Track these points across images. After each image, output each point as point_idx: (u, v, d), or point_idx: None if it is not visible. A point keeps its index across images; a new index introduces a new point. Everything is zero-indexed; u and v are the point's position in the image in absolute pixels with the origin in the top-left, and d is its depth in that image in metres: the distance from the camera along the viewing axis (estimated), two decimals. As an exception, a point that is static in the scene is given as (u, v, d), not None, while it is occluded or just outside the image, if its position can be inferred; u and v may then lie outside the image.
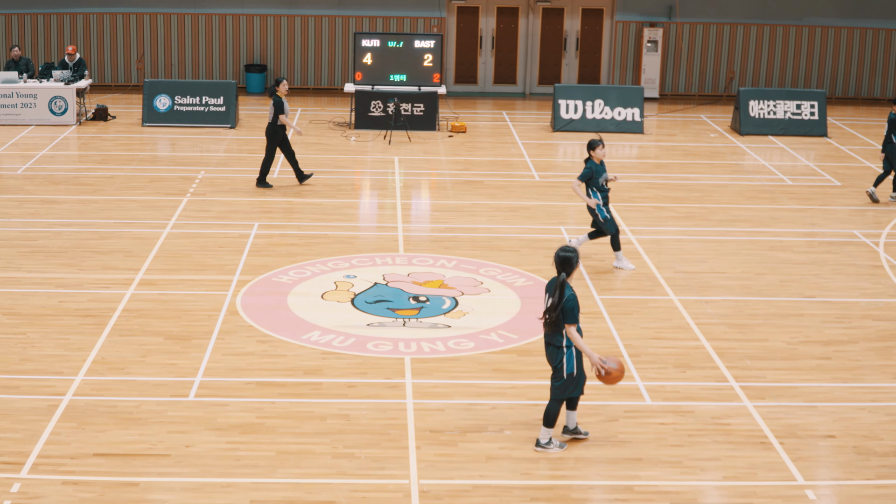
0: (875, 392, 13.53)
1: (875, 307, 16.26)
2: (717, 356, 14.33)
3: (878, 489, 11.32)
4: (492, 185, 22.35)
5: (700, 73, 32.44)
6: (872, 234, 19.82)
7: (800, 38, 32.34)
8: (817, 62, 32.56)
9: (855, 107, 32.06)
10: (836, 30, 32.32)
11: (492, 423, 12.35)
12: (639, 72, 31.86)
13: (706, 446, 12.00)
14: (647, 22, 31.81)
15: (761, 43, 32.25)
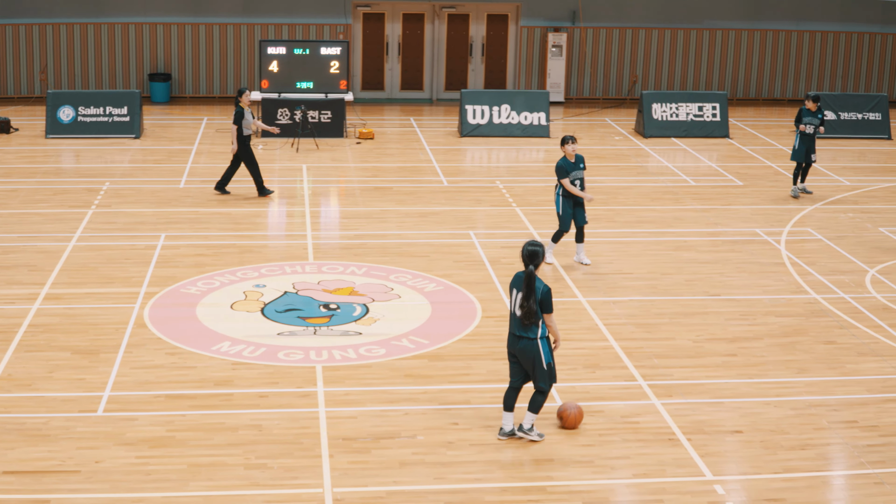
0: (780, 387, 13.80)
1: (778, 304, 16.58)
2: (626, 356, 14.52)
3: (786, 482, 11.55)
4: (400, 192, 22.41)
5: (604, 76, 32.78)
6: (774, 232, 20.20)
7: (700, 41, 32.83)
8: (718, 64, 33.07)
9: (756, 108, 32.61)
10: (737, 32, 32.85)
11: (405, 428, 12.40)
12: (544, 76, 32.11)
13: (616, 445, 12.16)
14: (552, 27, 32.08)
15: (663, 46, 32.69)
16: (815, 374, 14.23)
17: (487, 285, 17.01)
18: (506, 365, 14.10)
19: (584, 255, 18.20)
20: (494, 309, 16.06)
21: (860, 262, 18.70)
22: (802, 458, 12.05)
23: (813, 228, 20.50)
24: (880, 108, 29.17)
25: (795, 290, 17.25)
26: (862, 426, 12.85)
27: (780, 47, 33.16)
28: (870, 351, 15.02)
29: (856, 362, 14.65)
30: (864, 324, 15.97)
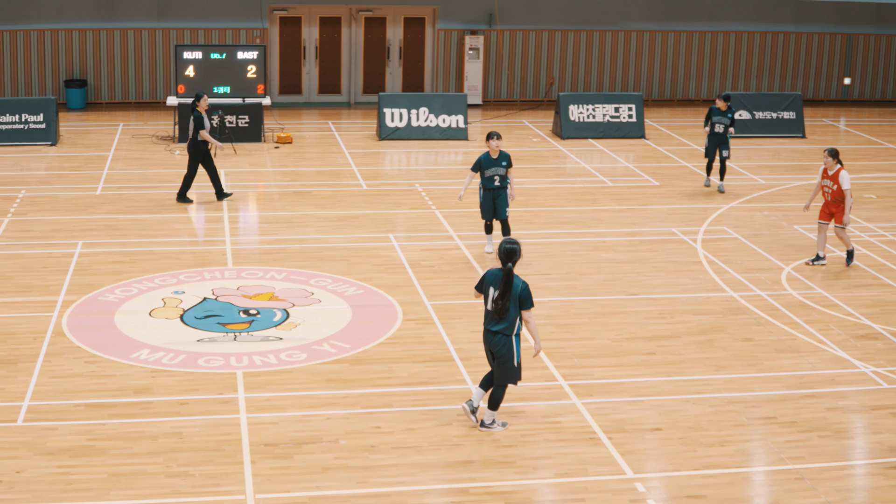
0: (698, 384, 13.97)
1: (695, 302, 16.78)
2: (546, 356, 14.61)
3: (705, 479, 11.69)
4: (320, 196, 22.36)
5: (521, 78, 32.94)
6: (690, 231, 20.42)
7: (616, 43, 33.11)
8: (633, 66, 33.36)
9: (671, 108, 32.95)
10: (651, 33, 33.17)
11: (327, 433, 12.38)
12: (462, 79, 32.20)
13: (538, 445, 12.23)
14: (469, 30, 32.18)
15: (579, 48, 32.92)
16: (733, 371, 14.41)
17: (408, 288, 17.03)
18: (427, 367, 14.19)
19: (492, 246, 18.60)
20: (415, 312, 16.09)
21: (776, 259, 18.97)
22: (722, 455, 12.21)
23: (729, 227, 20.77)
24: (794, 106, 29.61)
25: (712, 289, 17.46)
26: (781, 422, 13.05)
27: (695, 48, 33.55)
28: (787, 347, 15.25)
29: (773, 359, 14.87)
30: (780, 321, 16.20)
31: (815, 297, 17.24)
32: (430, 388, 13.61)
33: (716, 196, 22.94)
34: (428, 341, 15.03)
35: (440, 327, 15.54)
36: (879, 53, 34.71)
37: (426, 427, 12.55)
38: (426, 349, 14.76)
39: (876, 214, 21.82)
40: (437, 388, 13.62)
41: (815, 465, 12.08)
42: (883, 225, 21.14)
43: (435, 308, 16.25)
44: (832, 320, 16.29)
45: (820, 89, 34.63)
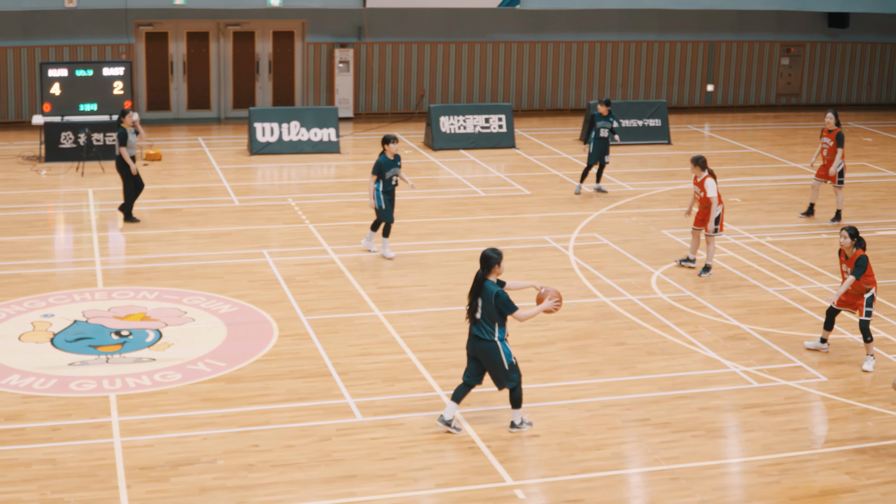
0: (574, 389, 14.14)
1: (568, 308, 16.96)
2: (424, 367, 14.66)
3: (584, 482, 11.85)
4: (191, 213, 22.13)
5: (392, 91, 33.01)
6: (562, 238, 20.66)
7: (485, 54, 33.36)
8: (503, 76, 33.65)
9: (540, 118, 33.29)
10: (519, 44, 33.49)
11: (204, 454, 12.26)
12: (332, 92, 32.16)
13: (418, 456, 12.27)
14: (338, 43, 32.14)
15: (448, 60, 33.10)
16: (607, 376, 14.62)
17: (283, 304, 16.95)
18: (305, 383, 14.14)
19: (388, 249, 19.16)
20: (291, 328, 16.02)
21: (645, 264, 19.28)
22: (599, 458, 12.37)
23: (599, 233, 21.05)
24: (660, 114, 30.14)
25: (585, 295, 17.69)
26: (655, 423, 13.27)
27: (561, 58, 33.96)
28: (659, 350, 15.51)
29: (646, 361, 15.11)
30: (651, 324, 16.48)
31: (684, 299, 17.57)
32: (308, 403, 13.57)
33: (586, 203, 23.24)
34: (304, 357, 14.98)
35: (317, 342, 15.49)
36: (741, 60, 35.51)
37: (305, 443, 12.51)
38: (303, 365, 14.71)
39: (741, 217, 22.31)
40: (316, 403, 13.58)
41: (690, 464, 12.31)
42: (748, 227, 21.62)
43: (311, 323, 16.20)
44: (702, 322, 16.62)
45: (684, 96, 35.31)
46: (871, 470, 12.30)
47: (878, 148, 30.24)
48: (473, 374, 12.74)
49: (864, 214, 23.00)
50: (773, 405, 13.89)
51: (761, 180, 25.75)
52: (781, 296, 17.84)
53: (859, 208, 23.53)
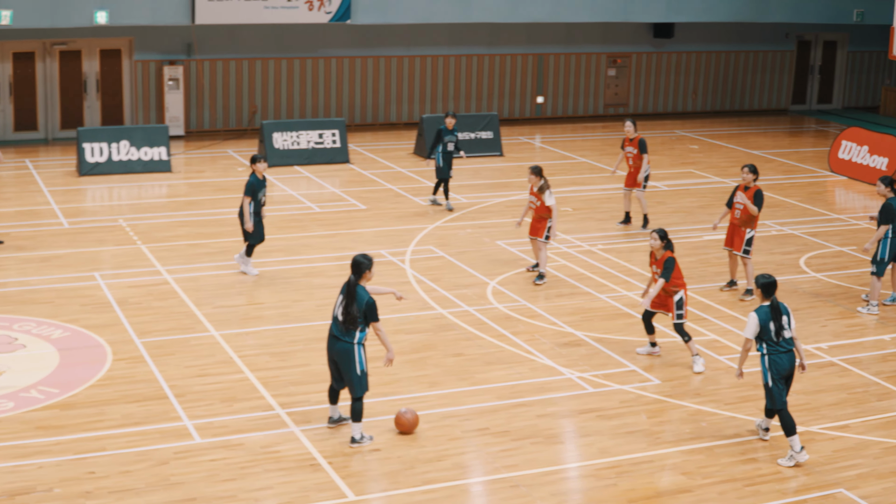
0: (413, 402, 14.22)
1: (406, 321, 17.07)
2: (262, 386, 14.59)
3: (425, 494, 11.94)
4: (18, 237, 21.59)
5: (223, 108, 32.74)
6: (398, 252, 20.76)
7: (317, 70, 33.33)
8: (335, 91, 33.66)
9: (373, 132, 33.37)
10: (351, 59, 33.53)
11: (40, 482, 12.00)
12: (162, 110, 31.74)
13: (258, 476, 12.20)
14: (167, 60, 31.76)
15: (280, 75, 32.98)
16: (446, 387, 14.75)
17: (117, 327, 16.68)
18: (141, 406, 13.95)
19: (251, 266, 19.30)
20: (125, 351, 15.77)
21: (481, 275, 19.50)
22: (440, 470, 12.48)
23: (435, 246, 21.22)
24: (491, 126, 30.50)
25: (422, 307, 17.81)
26: (494, 432, 13.43)
27: (393, 72, 34.12)
28: (496, 360, 15.70)
29: (484, 371, 15.29)
30: (488, 334, 16.67)
31: (520, 308, 17.82)
32: (144, 427, 13.38)
33: (421, 217, 23.38)
34: (140, 380, 14.76)
35: (152, 365, 15.28)
36: (569, 72, 36.16)
37: (143, 468, 12.34)
38: (138, 388, 14.50)
39: (573, 226, 22.72)
40: (152, 427, 13.41)
41: (530, 471, 12.50)
42: (579, 236, 22.03)
43: (146, 346, 15.97)
44: (537, 330, 16.88)
45: (515, 108, 35.80)
46: (706, 469, 12.66)
47: (704, 155, 31.09)
48: (337, 376, 13.09)
49: (692, 220, 23.63)
50: (609, 409, 14.18)
51: (592, 189, 26.25)
52: (614, 302, 18.21)
53: (687, 214, 24.17)
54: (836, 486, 12.36)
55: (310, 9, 31.03)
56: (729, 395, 14.52)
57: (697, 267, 20.16)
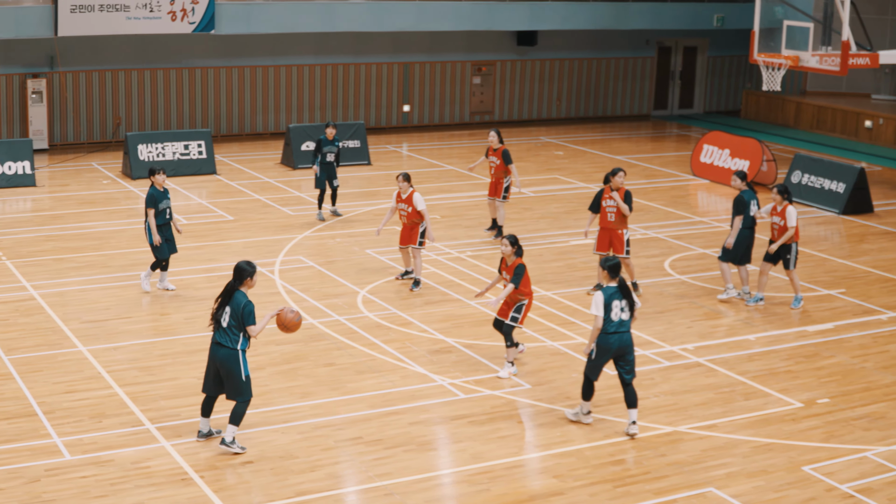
0: (285, 413, 14.22)
1: (277, 332, 16.97)
2: (132, 401, 14.46)
3: (298, 505, 11.97)
4: None
5: (87, 120, 32.26)
6: (267, 262, 20.71)
7: (181, 80, 33.05)
8: (201, 102, 33.41)
9: (240, 143, 33.19)
10: (216, 70, 33.32)
11: None
12: (26, 124, 31.17)
13: (129, 492, 12.10)
14: (30, 73, 31.21)
15: (144, 87, 32.63)
16: (318, 397, 14.77)
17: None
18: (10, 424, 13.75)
19: (168, 281, 19.01)
20: (-9, 369, 15.51)
21: (351, 284, 19.55)
22: (313, 480, 12.50)
23: (304, 256, 21.21)
24: (359, 135, 30.55)
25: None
26: (367, 441, 13.50)
27: (259, 82, 33.99)
28: (368, 368, 15.77)
29: (356, 381, 15.35)
30: (360, 343, 16.74)
31: (390, 317, 17.92)
32: (13, 445, 13.17)
33: (289, 227, 23.34)
34: (7, 397, 14.52)
35: (20, 382, 15.04)
36: (435, 80, 36.41)
37: (13, 486, 12.15)
38: (6, 406, 14.26)
39: (441, 234, 22.89)
40: (22, 444, 13.20)
41: (403, 479, 12.59)
42: (448, 243, 22.21)
43: (13, 362, 15.71)
44: (408, 338, 16.99)
45: (382, 117, 35.92)
46: (577, 472, 12.88)
47: (569, 161, 31.55)
48: (210, 386, 13.06)
49: (559, 225, 23.99)
50: (480, 415, 14.35)
51: (459, 196, 26.47)
52: (483, 308, 18.40)
53: (553, 220, 24.52)
54: (705, 485, 12.68)
55: (173, 19, 30.77)
56: (597, 398, 14.79)
57: (564, 272, 20.48)
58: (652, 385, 15.44)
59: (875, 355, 16.90)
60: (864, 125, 35.73)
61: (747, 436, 13.95)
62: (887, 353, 17.02)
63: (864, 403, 15.06)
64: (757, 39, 24.70)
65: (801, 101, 38.00)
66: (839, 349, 17.10)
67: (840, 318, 18.55)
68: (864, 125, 35.68)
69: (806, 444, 13.75)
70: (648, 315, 18.24)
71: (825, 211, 26.19)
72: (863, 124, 35.78)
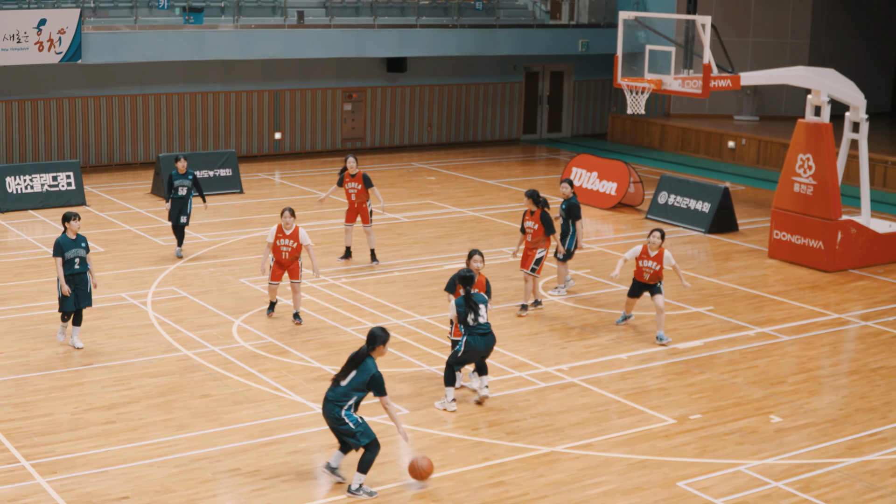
0: (162, 446, 14.07)
1: (151, 365, 16.87)
2: (5, 438, 14.18)
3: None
4: None
5: (-51, 152, 31.62)
6: (139, 294, 20.47)
7: (48, 111, 32.54)
8: (68, 133, 32.93)
9: (110, 173, 32.77)
10: (83, 100, 32.88)
11: None
12: None
13: (3, 532, 11.88)
14: None
15: (11, 118, 32.05)
16: (195, 429, 14.64)
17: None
18: None
19: (77, 338, 17.71)
20: None
21: (226, 314, 19.43)
22: (191, 513, 12.39)
23: (177, 287, 21.02)
24: (230, 164, 30.38)
25: (167, 350, 17.62)
26: (245, 472, 13.42)
27: (127, 112, 33.63)
28: (244, 399, 15.68)
29: (232, 411, 15.25)
30: (235, 373, 16.63)
31: (266, 346, 17.85)
32: None
33: (162, 257, 23.10)
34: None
35: None
36: (306, 107, 36.39)
37: None
38: None
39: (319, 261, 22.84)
40: None
41: (282, 508, 12.55)
42: (323, 270, 22.17)
43: None
44: (285, 367, 16.94)
45: (253, 145, 35.78)
46: (456, 496, 12.95)
47: (441, 186, 31.77)
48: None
49: (432, 250, 24.13)
50: (359, 441, 14.34)
51: (333, 224, 26.45)
52: (359, 335, 18.43)
53: (427, 245, 24.66)
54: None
55: (40, 49, 30.32)
56: (473, 422, 14.90)
57: (439, 296, 20.59)
58: (528, 406, 15.62)
59: (744, 371, 17.31)
60: (727, 146, 36.61)
61: (622, 453, 14.18)
62: (756, 368, 17.45)
63: (736, 418, 15.41)
64: (620, 64, 25.15)
65: (665, 124, 38.79)
66: (709, 366, 17.49)
67: (709, 335, 18.97)
68: (728, 146, 36.56)
69: (680, 459, 14.03)
70: (523, 337, 18.45)
71: (692, 230, 26.76)
72: (726, 145, 36.66)
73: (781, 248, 24.18)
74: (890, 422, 15.42)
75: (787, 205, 23.94)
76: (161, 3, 33.11)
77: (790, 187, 23.87)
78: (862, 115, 24.10)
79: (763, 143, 35.64)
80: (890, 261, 24.15)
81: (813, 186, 23.38)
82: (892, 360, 18.02)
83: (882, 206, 29.45)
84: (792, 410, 15.76)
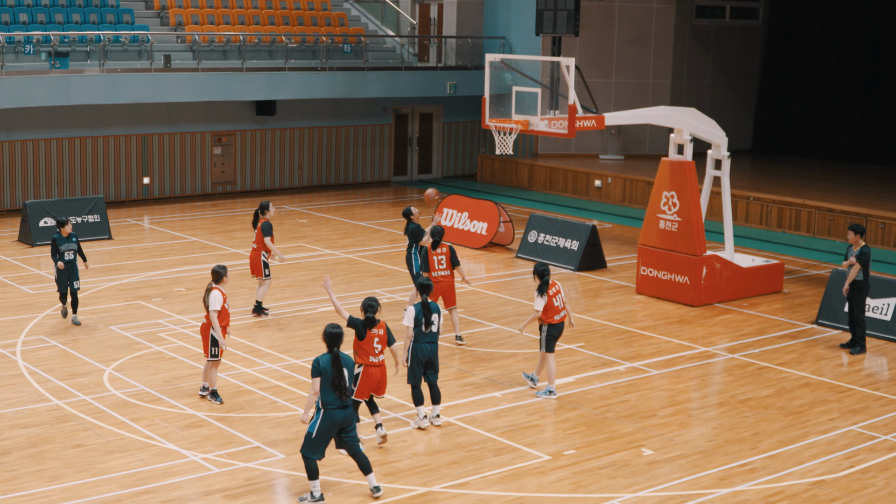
0: (35, 498, 13.83)
1: (22, 415, 16.58)
2: None
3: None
4: None
5: None
6: (9, 343, 20.12)
7: None
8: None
9: (-26, 220, 32.22)
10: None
11: None
12: None
13: None
14: None
15: None
16: (67, 480, 14.42)
17: None
18: None
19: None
20: None
21: (96, 362, 19.18)
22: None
23: (46, 335, 20.69)
24: (98, 209, 30.00)
25: (37, 400, 17.33)
26: (118, 522, 13.25)
27: (-8, 158, 33.08)
28: (116, 448, 15.49)
29: (105, 461, 15.05)
30: (107, 422, 16.42)
31: (138, 394, 17.66)
32: None
33: (30, 306, 22.71)
34: None
35: None
36: (174, 151, 36.13)
37: None
38: None
39: (186, 307, 22.71)
40: None
41: (158, 558, 12.42)
42: (194, 316, 22.00)
43: None
44: (158, 414, 16.77)
45: (121, 190, 35.38)
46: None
47: (313, 229, 31.77)
48: None
49: (305, 293, 24.12)
50: (235, 488, 14.27)
51: (204, 268, 26.27)
52: (234, 380, 18.34)
53: (300, 288, 24.64)
54: (457, 540, 12.97)
55: None
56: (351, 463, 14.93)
57: (313, 339, 20.59)
58: (404, 447, 15.69)
59: (616, 405, 17.62)
60: (594, 184, 37.25)
61: (499, 491, 14.32)
62: (627, 402, 17.77)
63: (609, 452, 15.68)
64: (488, 105, 25.47)
65: (533, 164, 39.32)
66: (582, 401, 17.76)
67: (581, 371, 19.27)
68: (594, 184, 37.20)
69: (555, 495, 14.22)
70: (398, 378, 18.52)
71: (562, 268, 27.15)
72: (593, 184, 37.30)
73: (649, 284, 24.67)
74: (759, 452, 15.82)
75: (653, 241, 24.46)
76: (27, 49, 32.67)
77: (656, 224, 24.40)
78: (724, 153, 24.77)
79: (628, 181, 36.35)
80: (754, 294, 24.80)
81: (678, 223, 23.93)
82: (760, 391, 18.50)
83: (745, 240, 30.23)
84: (663, 443, 16.09)
